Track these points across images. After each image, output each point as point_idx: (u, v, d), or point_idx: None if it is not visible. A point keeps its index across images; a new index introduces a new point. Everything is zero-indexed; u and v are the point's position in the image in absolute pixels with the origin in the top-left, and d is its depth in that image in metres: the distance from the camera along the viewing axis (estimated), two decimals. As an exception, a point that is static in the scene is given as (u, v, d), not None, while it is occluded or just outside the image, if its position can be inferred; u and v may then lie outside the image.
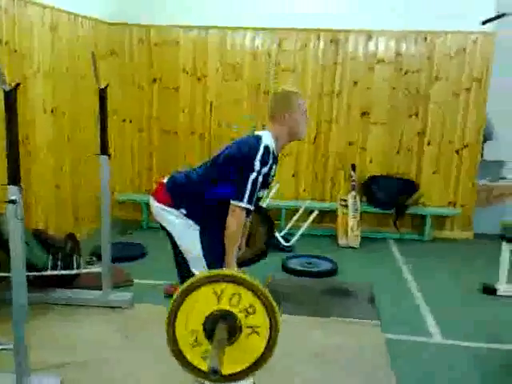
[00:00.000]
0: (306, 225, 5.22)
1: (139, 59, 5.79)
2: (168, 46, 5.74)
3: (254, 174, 2.48)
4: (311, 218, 5.22)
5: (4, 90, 2.32)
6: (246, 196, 2.48)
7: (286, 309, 3.78)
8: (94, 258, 4.41)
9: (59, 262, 3.56)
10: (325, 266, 4.69)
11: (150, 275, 4.34)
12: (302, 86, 5.65)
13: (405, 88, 5.67)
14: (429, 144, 5.78)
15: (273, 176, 2.71)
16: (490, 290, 4.25)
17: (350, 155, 5.81)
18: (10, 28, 3.85)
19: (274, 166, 2.65)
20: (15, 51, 3.94)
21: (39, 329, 3.03)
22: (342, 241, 5.46)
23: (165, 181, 2.70)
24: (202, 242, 2.59)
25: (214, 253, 2.62)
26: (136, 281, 4.20)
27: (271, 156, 2.57)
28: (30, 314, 3.30)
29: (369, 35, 5.62)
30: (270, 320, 2.20)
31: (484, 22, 4.07)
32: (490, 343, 3.40)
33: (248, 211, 2.55)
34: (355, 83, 5.70)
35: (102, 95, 3.44)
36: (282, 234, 5.30)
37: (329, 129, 5.78)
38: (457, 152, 5.76)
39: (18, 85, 2.35)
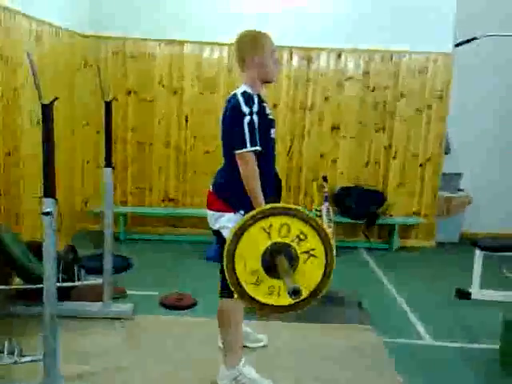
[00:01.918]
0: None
1: (114, 71, 5.79)
2: (143, 59, 5.78)
3: (247, 117, 2.53)
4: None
5: (42, 104, 2.36)
6: (248, 139, 2.51)
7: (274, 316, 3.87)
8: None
9: (60, 274, 3.53)
10: (307, 274, 4.85)
11: (140, 286, 4.37)
12: (276, 100, 5.84)
13: (372, 104, 5.97)
14: (394, 157, 6.10)
15: (272, 117, 2.76)
16: (464, 295, 4.54)
17: (321, 167, 6.05)
18: (3, 39, 3.81)
19: (264, 105, 2.69)
20: (7, 63, 3.90)
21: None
22: (317, 250, 5.66)
23: (211, 189, 2.76)
24: None
25: None
26: (128, 292, 4.22)
27: (254, 97, 2.61)
28: (35, 326, 3.33)
29: (339, 53, 5.89)
30: (323, 240, 2.29)
31: (457, 45, 4.40)
32: (473, 343, 3.67)
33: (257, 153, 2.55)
34: (326, 99, 5.95)
35: (108, 108, 3.47)
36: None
37: (301, 142, 6.00)
38: (420, 165, 6.11)
39: (55, 99, 2.39)
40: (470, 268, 4.55)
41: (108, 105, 3.48)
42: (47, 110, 2.36)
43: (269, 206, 2.37)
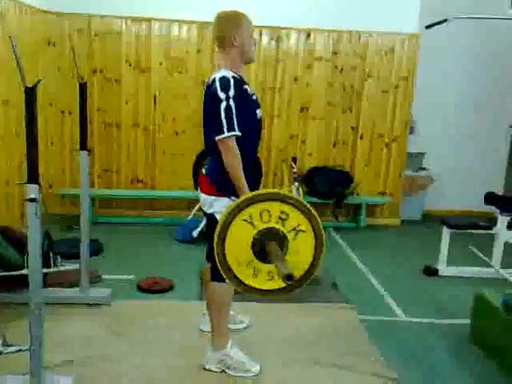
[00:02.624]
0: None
1: (79, 50, 5.58)
2: (110, 36, 5.64)
3: (224, 103, 2.51)
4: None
5: (25, 87, 2.28)
6: (225, 125, 2.50)
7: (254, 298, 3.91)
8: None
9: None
10: (280, 254, 4.90)
11: (113, 270, 4.33)
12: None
13: (340, 85, 6.01)
14: (361, 138, 6.18)
15: (255, 98, 2.75)
16: (431, 271, 4.69)
17: (291, 148, 6.08)
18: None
19: (245, 87, 2.65)
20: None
21: (26, 328, 2.96)
22: (288, 230, 5.71)
23: (204, 172, 2.75)
24: None
25: None
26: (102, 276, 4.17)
27: (231, 81, 2.55)
28: (13, 314, 3.27)
29: (308, 34, 5.88)
30: (305, 213, 2.34)
31: (428, 27, 4.45)
32: (444, 319, 3.79)
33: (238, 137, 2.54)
34: (295, 79, 5.95)
35: (82, 90, 3.38)
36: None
37: (271, 123, 6.00)
38: (386, 145, 6.22)
39: (38, 81, 2.31)
40: (434, 245, 4.72)
41: (82, 87, 3.38)
42: (31, 93, 2.28)
43: (250, 194, 2.38)
